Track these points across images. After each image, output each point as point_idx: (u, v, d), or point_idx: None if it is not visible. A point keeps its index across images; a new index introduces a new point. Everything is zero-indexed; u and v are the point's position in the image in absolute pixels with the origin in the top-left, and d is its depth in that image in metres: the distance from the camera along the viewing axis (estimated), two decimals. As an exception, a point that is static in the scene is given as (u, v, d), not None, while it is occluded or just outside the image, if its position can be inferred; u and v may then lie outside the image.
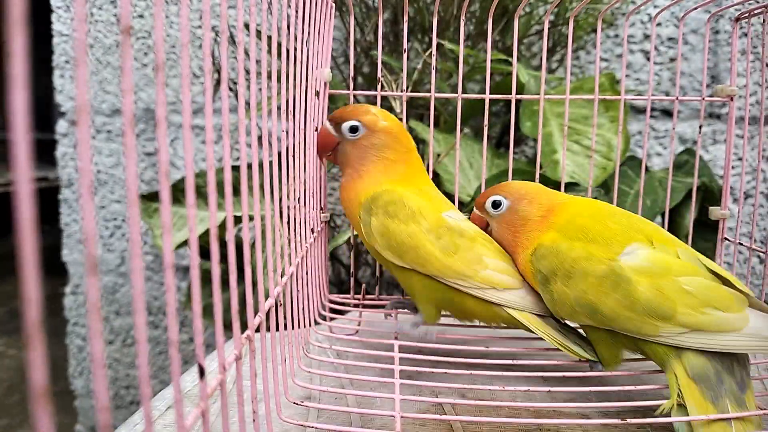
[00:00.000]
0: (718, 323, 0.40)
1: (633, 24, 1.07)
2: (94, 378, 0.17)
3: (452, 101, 0.93)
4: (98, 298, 0.16)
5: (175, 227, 0.91)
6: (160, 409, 0.45)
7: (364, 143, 0.53)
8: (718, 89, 0.61)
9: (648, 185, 0.86)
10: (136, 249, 0.18)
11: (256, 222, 0.30)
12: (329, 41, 0.59)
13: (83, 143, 0.16)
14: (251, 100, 0.30)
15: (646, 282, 0.41)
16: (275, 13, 0.37)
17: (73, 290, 1.26)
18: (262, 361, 0.38)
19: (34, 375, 0.14)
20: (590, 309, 0.43)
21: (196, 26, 1.11)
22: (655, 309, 0.41)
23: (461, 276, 0.48)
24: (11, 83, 0.13)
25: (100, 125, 1.20)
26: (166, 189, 0.20)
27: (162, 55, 0.20)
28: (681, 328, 0.40)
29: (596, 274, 0.43)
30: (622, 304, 0.41)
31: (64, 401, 1.33)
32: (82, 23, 0.16)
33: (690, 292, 0.41)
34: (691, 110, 1.08)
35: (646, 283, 0.41)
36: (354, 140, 0.53)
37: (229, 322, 0.33)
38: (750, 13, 0.58)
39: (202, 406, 0.24)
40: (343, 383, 0.49)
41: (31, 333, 0.13)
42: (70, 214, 1.24)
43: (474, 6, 0.94)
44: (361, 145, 0.53)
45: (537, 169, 0.62)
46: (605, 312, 0.42)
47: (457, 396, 0.46)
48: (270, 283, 0.36)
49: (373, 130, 0.53)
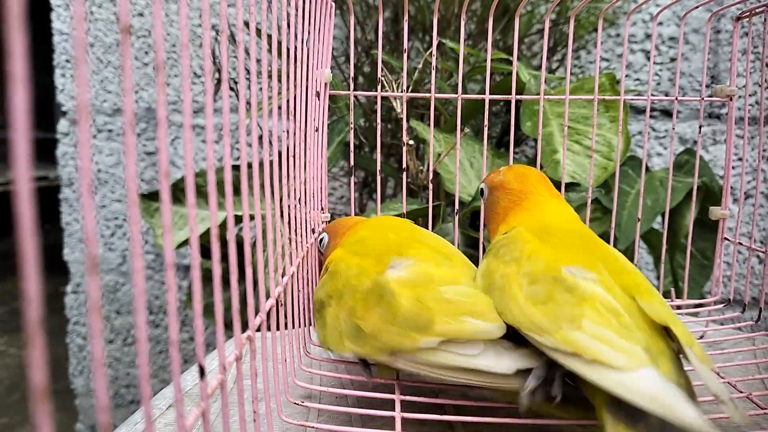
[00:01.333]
0: (474, 331, 0.37)
1: (634, 23, 1.07)
2: (94, 377, 0.17)
3: (453, 101, 0.93)
4: (99, 297, 0.16)
5: (176, 226, 0.91)
6: (161, 409, 0.45)
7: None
8: (718, 89, 0.61)
9: (648, 185, 0.86)
10: (136, 248, 0.18)
11: (256, 221, 0.30)
12: (330, 41, 0.59)
13: (83, 142, 0.16)
14: (252, 100, 0.30)
15: (408, 293, 0.39)
16: (275, 12, 0.37)
17: (74, 289, 1.27)
18: (263, 361, 0.38)
19: (34, 373, 0.14)
20: (355, 328, 0.40)
21: (196, 25, 1.11)
22: (415, 319, 0.37)
23: (537, 329, 0.37)
24: (11, 81, 0.13)
25: (101, 124, 1.20)
26: (167, 188, 0.20)
27: (162, 55, 0.20)
28: (437, 338, 0.37)
29: (363, 290, 0.41)
30: (384, 318, 0.39)
31: (65, 400, 1.33)
32: (81, 22, 0.16)
33: (450, 300, 0.38)
34: (690, 110, 1.08)
35: (407, 294, 0.39)
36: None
37: (229, 321, 0.33)
38: (751, 12, 0.58)
39: (203, 406, 0.24)
40: (344, 383, 0.49)
41: (32, 331, 0.13)
42: (70, 213, 1.25)
43: (475, 5, 0.94)
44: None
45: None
46: (368, 328, 0.39)
47: (458, 396, 0.46)
48: (271, 282, 0.36)
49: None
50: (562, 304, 0.36)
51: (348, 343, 0.41)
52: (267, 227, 0.34)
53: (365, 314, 0.40)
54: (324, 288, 0.45)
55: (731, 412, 0.32)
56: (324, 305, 0.44)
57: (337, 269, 0.44)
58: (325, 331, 0.43)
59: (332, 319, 0.42)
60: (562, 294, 0.37)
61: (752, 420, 0.42)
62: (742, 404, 0.46)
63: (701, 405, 0.33)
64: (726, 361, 0.53)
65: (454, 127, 0.66)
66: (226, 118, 0.24)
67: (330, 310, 0.43)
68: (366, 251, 0.45)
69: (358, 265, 0.43)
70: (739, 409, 0.33)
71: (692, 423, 0.29)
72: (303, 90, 0.48)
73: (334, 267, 0.45)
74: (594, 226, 0.85)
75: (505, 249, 0.42)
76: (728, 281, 0.61)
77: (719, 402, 0.32)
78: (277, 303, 0.38)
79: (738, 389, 0.45)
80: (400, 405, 0.40)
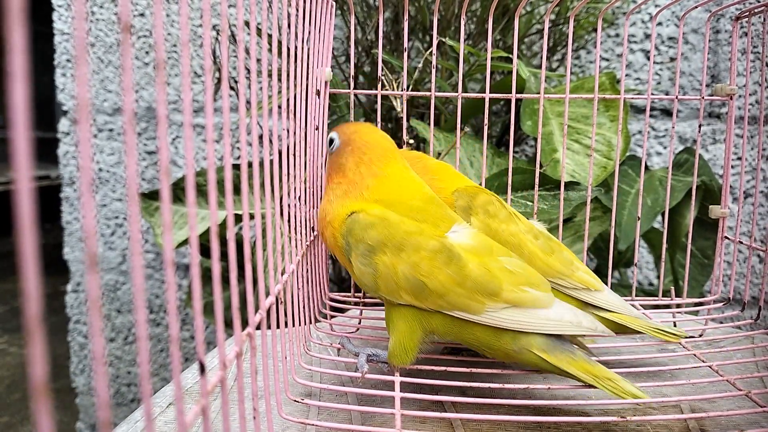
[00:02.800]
0: (534, 300, 0.42)
1: (633, 23, 1.07)
2: (95, 374, 0.17)
3: (453, 100, 0.93)
4: (98, 295, 0.16)
5: (176, 225, 0.91)
6: (161, 406, 0.45)
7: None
8: (718, 88, 0.61)
9: (648, 184, 0.86)
10: (136, 247, 0.19)
11: (256, 220, 0.30)
12: (330, 40, 0.59)
13: (84, 141, 0.16)
14: (252, 99, 0.31)
15: (475, 260, 0.43)
16: (275, 12, 0.37)
17: (75, 288, 1.27)
18: (263, 359, 0.38)
19: (34, 368, 0.14)
20: (418, 284, 0.42)
21: (196, 25, 1.11)
22: (485, 285, 0.42)
23: (561, 275, 0.49)
24: (11, 78, 0.13)
25: (102, 124, 1.20)
26: (167, 187, 0.20)
27: (163, 54, 0.20)
28: (504, 304, 0.42)
29: (429, 248, 0.43)
30: (453, 280, 0.42)
31: (66, 399, 1.33)
32: (82, 21, 0.16)
33: (511, 271, 0.43)
34: (690, 109, 1.08)
35: (475, 261, 0.42)
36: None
37: (229, 319, 0.33)
38: (750, 12, 0.58)
39: (203, 403, 0.24)
40: (344, 381, 0.50)
41: (32, 327, 0.13)
42: (71, 213, 1.25)
43: (475, 5, 0.94)
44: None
45: (537, 167, 0.62)
46: (435, 287, 0.42)
47: (458, 393, 0.46)
48: (271, 280, 0.36)
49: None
50: (560, 252, 0.50)
51: (406, 295, 0.43)
52: (267, 226, 0.35)
53: (432, 272, 0.42)
54: (373, 231, 0.44)
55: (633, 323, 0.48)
56: (375, 251, 0.44)
57: (387, 219, 0.44)
58: (377, 278, 0.44)
59: (386, 268, 0.43)
60: (557, 245, 0.51)
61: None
62: (741, 402, 0.46)
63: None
64: (725, 359, 0.53)
65: (454, 126, 0.66)
66: (227, 117, 0.24)
67: (384, 258, 0.43)
68: (417, 216, 0.45)
69: (415, 224, 0.44)
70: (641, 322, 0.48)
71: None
72: (303, 89, 0.48)
73: (382, 213, 0.45)
74: (594, 225, 0.85)
75: (492, 207, 0.50)
76: (728, 280, 0.61)
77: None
78: (277, 301, 0.38)
79: (737, 387, 0.45)
80: (400, 402, 0.40)
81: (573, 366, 0.41)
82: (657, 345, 0.56)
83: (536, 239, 0.50)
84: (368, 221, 0.45)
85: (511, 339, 0.42)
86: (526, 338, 0.42)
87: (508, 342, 0.42)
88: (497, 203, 0.51)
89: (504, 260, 0.44)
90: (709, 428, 0.42)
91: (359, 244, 0.44)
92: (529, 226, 0.51)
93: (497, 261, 0.43)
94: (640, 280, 1.12)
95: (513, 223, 0.50)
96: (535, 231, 0.51)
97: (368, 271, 0.44)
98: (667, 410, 0.45)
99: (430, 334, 0.44)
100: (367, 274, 0.44)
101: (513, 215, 0.51)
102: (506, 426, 0.43)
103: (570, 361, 0.41)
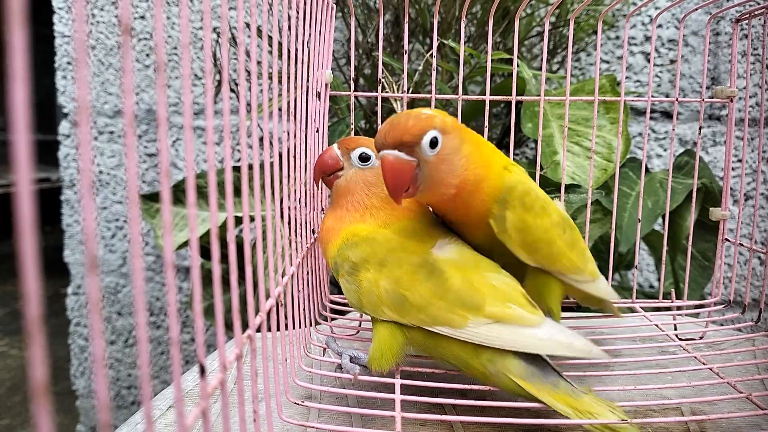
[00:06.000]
0: (519, 317, 0.41)
1: (634, 25, 1.07)
2: (95, 376, 0.17)
3: (453, 102, 0.93)
4: (99, 297, 0.16)
5: (177, 227, 0.91)
6: (162, 409, 0.45)
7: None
8: (718, 91, 0.61)
9: (649, 187, 0.86)
10: (136, 249, 0.19)
11: (257, 222, 0.30)
12: (330, 42, 0.59)
13: (84, 144, 0.16)
14: (252, 101, 0.31)
15: (458, 274, 0.42)
16: (276, 14, 0.37)
17: (75, 291, 1.27)
18: (263, 361, 0.38)
19: (34, 372, 0.14)
20: (399, 298, 0.42)
21: (197, 27, 1.11)
22: (467, 298, 0.41)
23: (578, 270, 0.47)
24: (12, 80, 0.13)
25: (103, 126, 1.21)
26: (167, 188, 0.20)
27: (163, 57, 0.20)
28: (486, 319, 0.41)
29: (411, 263, 0.43)
30: (434, 293, 0.41)
31: (66, 402, 1.33)
32: (83, 24, 0.16)
33: (496, 287, 0.42)
34: (691, 112, 1.08)
35: (458, 275, 0.42)
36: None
37: (230, 321, 0.33)
38: (750, 15, 0.58)
39: (203, 405, 0.24)
40: (344, 383, 0.49)
41: (32, 330, 0.13)
42: (72, 215, 1.25)
43: (475, 7, 0.94)
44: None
45: (537, 170, 0.62)
46: (415, 300, 0.41)
47: (458, 396, 0.46)
48: (271, 283, 0.36)
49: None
50: (578, 244, 0.48)
51: (387, 310, 0.43)
52: (267, 228, 0.35)
53: (412, 286, 0.42)
54: (357, 250, 0.45)
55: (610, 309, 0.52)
56: (359, 268, 0.44)
57: (373, 237, 0.45)
58: (360, 295, 0.44)
59: (369, 284, 0.43)
60: (576, 233, 0.48)
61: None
62: (742, 404, 0.46)
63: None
64: (726, 361, 0.53)
65: (455, 129, 0.66)
66: (227, 119, 0.24)
67: (368, 274, 0.44)
68: (404, 233, 0.46)
69: (399, 241, 0.44)
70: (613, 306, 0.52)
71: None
72: (304, 91, 0.48)
73: (370, 234, 0.46)
74: (594, 228, 0.85)
75: (527, 199, 0.46)
76: (729, 282, 0.61)
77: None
78: (278, 303, 0.38)
79: (738, 389, 0.45)
80: (401, 405, 0.40)
81: (553, 397, 0.40)
82: (658, 347, 0.56)
83: (564, 233, 0.47)
84: (353, 241, 0.46)
85: (488, 359, 0.41)
86: (503, 361, 0.41)
87: (485, 361, 0.41)
88: (533, 193, 0.46)
89: (491, 276, 0.43)
90: (710, 431, 0.42)
91: (345, 263, 0.45)
92: (558, 215, 0.47)
93: (482, 276, 0.43)
94: (640, 282, 1.12)
95: (546, 215, 0.46)
96: (563, 223, 0.47)
97: (352, 288, 0.45)
98: (668, 413, 0.45)
99: (409, 345, 0.44)
100: (351, 291, 0.45)
101: (546, 204, 0.47)
102: (507, 429, 0.43)
103: (550, 392, 0.40)
